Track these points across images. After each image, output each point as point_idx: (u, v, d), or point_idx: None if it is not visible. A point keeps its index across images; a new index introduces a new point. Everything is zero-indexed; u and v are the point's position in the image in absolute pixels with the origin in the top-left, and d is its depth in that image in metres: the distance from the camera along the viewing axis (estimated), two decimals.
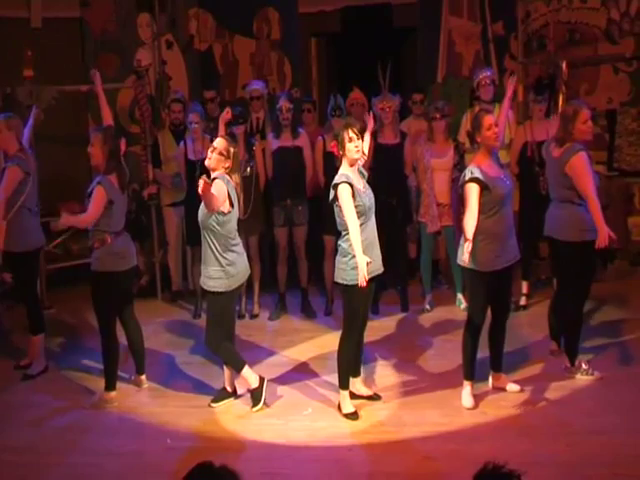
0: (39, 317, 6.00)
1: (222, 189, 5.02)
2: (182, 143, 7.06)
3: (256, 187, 6.86)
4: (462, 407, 5.08)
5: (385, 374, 5.66)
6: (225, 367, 5.38)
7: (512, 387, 5.25)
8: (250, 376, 5.26)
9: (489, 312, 5.15)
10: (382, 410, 5.16)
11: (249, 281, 6.88)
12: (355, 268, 4.78)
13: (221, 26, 8.96)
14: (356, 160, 4.96)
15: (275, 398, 5.38)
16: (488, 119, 5.02)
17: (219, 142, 5.17)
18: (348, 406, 5.09)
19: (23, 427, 5.16)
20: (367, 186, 5.04)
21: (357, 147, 4.91)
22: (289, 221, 6.94)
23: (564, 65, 7.60)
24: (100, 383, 5.49)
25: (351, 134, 4.91)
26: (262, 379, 5.28)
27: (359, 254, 4.75)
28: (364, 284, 4.74)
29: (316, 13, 8.81)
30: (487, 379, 5.32)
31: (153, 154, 7.56)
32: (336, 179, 4.92)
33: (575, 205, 5.17)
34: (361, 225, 4.86)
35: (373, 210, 5.00)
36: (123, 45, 8.54)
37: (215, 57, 9.04)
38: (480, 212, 4.87)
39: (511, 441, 4.59)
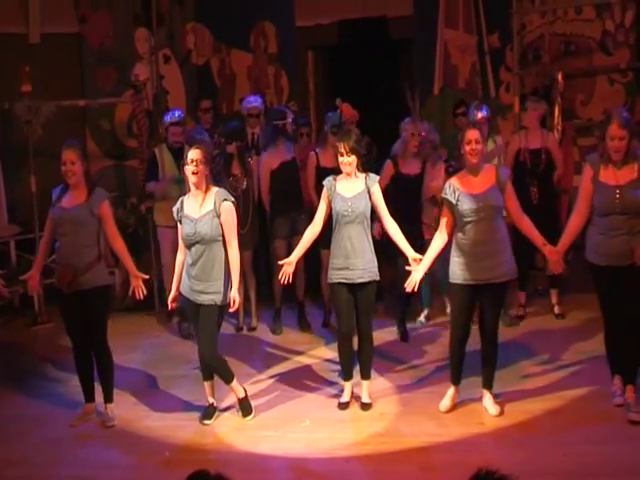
0: None
1: (234, 214, 5.20)
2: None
3: (252, 202, 6.84)
4: (459, 418, 5.09)
5: (382, 385, 5.66)
6: (205, 382, 5.32)
7: (490, 409, 5.08)
8: (238, 387, 5.30)
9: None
10: (380, 421, 5.16)
11: (246, 294, 6.93)
12: (332, 269, 5.24)
13: (218, 40, 9.02)
14: (346, 172, 5.23)
15: (272, 410, 5.38)
16: (470, 133, 5.00)
17: (194, 153, 5.09)
18: (344, 395, 5.37)
19: (20, 440, 5.16)
20: (360, 195, 5.15)
21: (343, 163, 5.19)
22: (292, 232, 6.76)
23: (560, 76, 7.65)
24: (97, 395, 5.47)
25: (341, 149, 5.18)
26: (245, 389, 5.36)
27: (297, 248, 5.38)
28: None
29: (313, 26, 8.86)
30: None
31: (148, 170, 7.27)
32: None
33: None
34: (336, 228, 5.22)
35: (352, 219, 5.14)
36: (121, 60, 8.60)
37: (212, 71, 9.10)
38: (455, 225, 5.03)
39: (508, 451, 4.58)
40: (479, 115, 6.68)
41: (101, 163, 8.51)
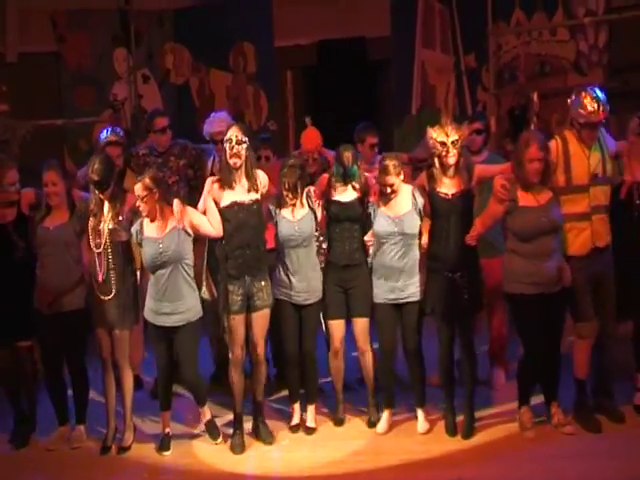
0: None
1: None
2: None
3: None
4: (437, 435, 5.09)
5: (361, 404, 5.64)
6: (164, 412, 5.19)
7: (419, 426, 5.17)
8: (208, 409, 5.28)
9: None
10: (358, 439, 5.16)
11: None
12: (278, 285, 5.15)
13: (197, 60, 9.07)
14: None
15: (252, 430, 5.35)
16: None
17: (136, 188, 4.89)
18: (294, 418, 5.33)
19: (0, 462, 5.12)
20: (306, 218, 5.07)
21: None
22: (247, 304, 5.11)
23: (535, 96, 7.74)
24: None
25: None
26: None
27: None
28: None
29: (292, 47, 8.92)
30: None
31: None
32: None
33: None
34: (282, 250, 5.13)
35: (299, 243, 5.05)
36: (99, 79, 8.63)
37: (192, 91, 9.13)
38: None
39: (486, 466, 4.61)
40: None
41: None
